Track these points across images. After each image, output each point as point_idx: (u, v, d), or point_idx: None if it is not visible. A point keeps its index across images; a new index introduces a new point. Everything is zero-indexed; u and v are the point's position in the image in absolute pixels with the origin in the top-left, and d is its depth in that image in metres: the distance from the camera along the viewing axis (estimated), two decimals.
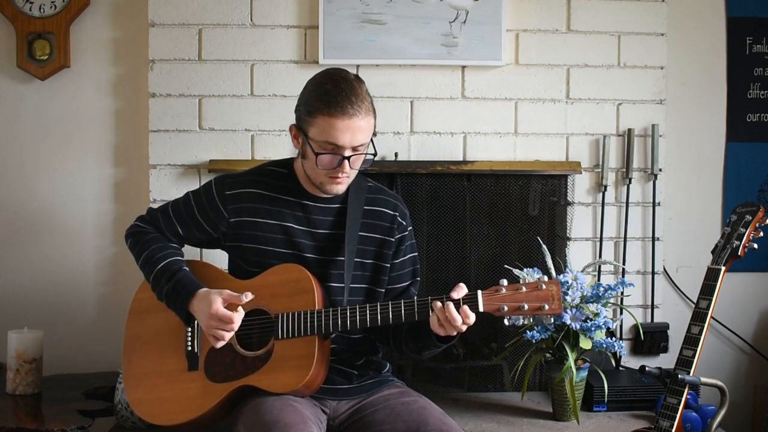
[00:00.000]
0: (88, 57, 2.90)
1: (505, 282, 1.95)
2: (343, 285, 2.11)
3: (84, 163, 2.92)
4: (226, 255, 2.26)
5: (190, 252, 2.31)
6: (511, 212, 2.92)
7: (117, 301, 2.86)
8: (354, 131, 1.97)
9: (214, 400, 2.04)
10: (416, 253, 2.27)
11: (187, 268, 2.13)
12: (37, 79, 2.87)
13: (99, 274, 2.94)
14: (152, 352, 2.14)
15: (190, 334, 2.11)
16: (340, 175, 2.02)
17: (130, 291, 2.27)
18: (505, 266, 2.59)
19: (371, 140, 2.04)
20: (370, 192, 2.19)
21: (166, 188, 2.80)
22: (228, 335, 2.02)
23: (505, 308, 1.92)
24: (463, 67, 2.85)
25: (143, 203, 2.82)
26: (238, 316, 2.00)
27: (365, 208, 2.16)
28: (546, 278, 1.96)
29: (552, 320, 2.44)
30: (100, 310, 2.93)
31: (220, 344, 2.03)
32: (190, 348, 2.11)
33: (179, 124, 2.81)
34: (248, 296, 2.01)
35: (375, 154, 2.06)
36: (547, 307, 1.91)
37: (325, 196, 2.12)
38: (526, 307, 1.91)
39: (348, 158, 2.00)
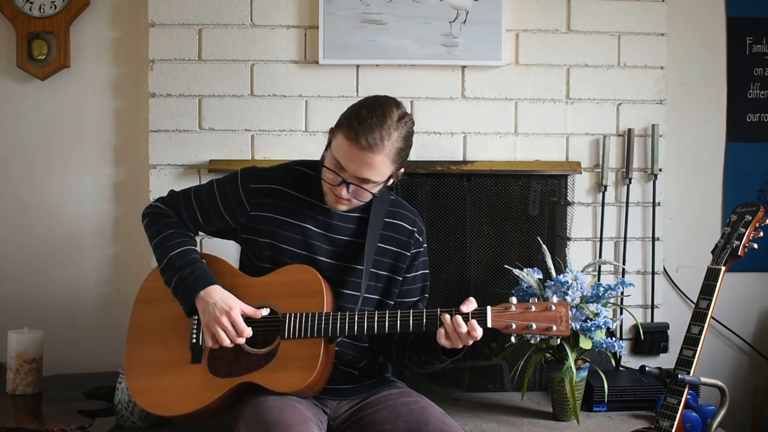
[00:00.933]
0: (88, 57, 2.90)
1: (514, 300, 1.97)
2: (355, 293, 2.11)
3: (84, 163, 2.92)
4: (235, 250, 2.25)
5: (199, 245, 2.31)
6: (511, 212, 2.92)
7: (117, 301, 2.86)
8: (360, 164, 1.96)
9: (215, 395, 2.04)
10: (428, 271, 2.28)
11: (204, 261, 2.13)
12: (37, 79, 2.87)
13: (99, 274, 2.94)
14: (156, 341, 2.14)
15: (195, 326, 2.11)
16: (337, 192, 2.02)
17: (130, 291, 2.27)
18: (505, 266, 2.59)
19: (388, 179, 2.04)
20: (391, 205, 2.20)
21: (166, 188, 2.76)
22: (228, 343, 2.02)
23: (513, 326, 1.93)
24: (463, 67, 2.85)
25: (143, 203, 2.79)
26: (248, 332, 2.02)
27: (385, 220, 2.17)
28: (555, 299, 1.97)
29: (558, 340, 2.44)
30: (100, 310, 2.93)
31: (214, 345, 2.03)
32: (194, 340, 2.10)
33: (179, 124, 2.81)
34: (263, 313, 2.05)
35: (374, 195, 2.05)
36: (555, 328, 1.92)
37: None
38: (534, 326, 1.93)
39: (348, 183, 1.99)
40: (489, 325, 1.93)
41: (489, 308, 1.94)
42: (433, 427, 1.96)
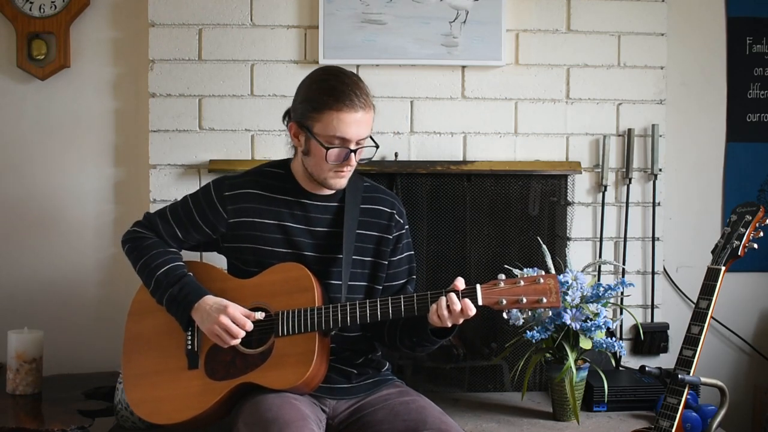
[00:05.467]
0: (88, 57, 2.90)
1: (503, 276, 1.97)
2: (339, 282, 2.12)
3: (84, 163, 2.92)
4: (225, 258, 2.26)
5: (189, 254, 2.31)
6: (511, 212, 2.92)
7: (117, 302, 2.86)
8: (360, 124, 2.02)
9: (214, 398, 2.05)
10: (413, 252, 2.29)
11: (191, 274, 2.14)
12: (37, 79, 2.87)
13: (99, 275, 2.94)
14: (152, 351, 2.15)
15: (190, 332, 2.11)
16: (345, 169, 2.06)
17: (129, 291, 2.27)
18: (505, 266, 2.59)
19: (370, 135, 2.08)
20: (367, 191, 2.22)
21: (166, 188, 2.80)
22: (233, 340, 2.03)
23: (504, 301, 1.93)
24: (463, 67, 2.85)
25: (143, 203, 2.82)
26: (249, 324, 2.03)
27: (363, 206, 2.18)
28: (544, 273, 1.97)
29: (550, 313, 2.44)
30: (100, 310, 2.93)
31: (225, 345, 2.05)
32: (190, 347, 2.11)
33: (179, 124, 2.81)
34: (258, 316, 2.05)
35: (377, 146, 2.10)
36: (545, 300, 1.92)
37: (323, 194, 2.15)
38: (525, 300, 1.92)
39: (354, 151, 2.04)
40: (480, 302, 1.93)
41: (478, 286, 1.94)
42: (431, 426, 1.97)
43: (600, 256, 2.89)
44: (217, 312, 2.03)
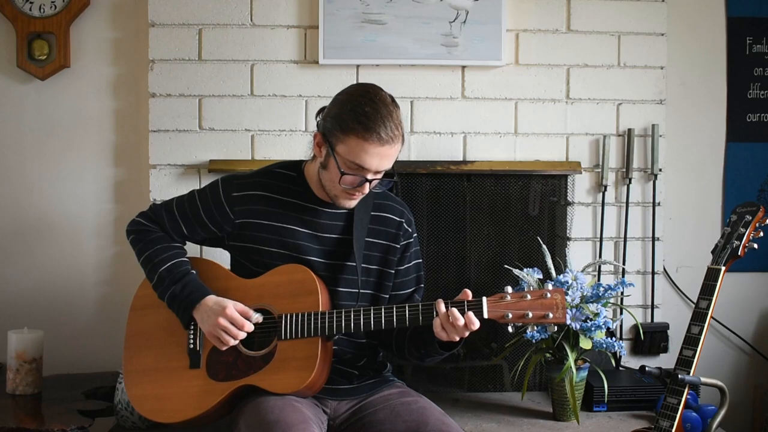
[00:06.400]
0: (88, 57, 2.90)
1: (509, 289, 1.95)
2: (351, 290, 2.12)
3: (84, 163, 2.92)
4: (228, 253, 2.26)
5: (191, 250, 2.31)
6: (511, 212, 2.92)
7: (117, 301, 2.86)
8: (383, 157, 1.97)
9: (215, 399, 2.05)
10: (421, 260, 2.28)
11: (194, 272, 2.13)
12: (37, 79, 2.87)
13: (99, 274, 2.94)
14: (153, 348, 2.14)
15: (192, 331, 2.11)
16: (356, 193, 2.03)
17: (130, 291, 2.27)
18: (505, 266, 2.59)
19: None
20: (377, 198, 2.19)
21: (166, 188, 2.80)
22: (232, 341, 2.02)
23: (510, 315, 1.92)
24: (463, 67, 2.85)
25: (143, 203, 2.81)
26: (249, 326, 2.02)
27: (372, 213, 2.16)
28: (551, 286, 1.96)
29: (555, 327, 2.44)
30: (100, 310, 2.93)
31: (223, 347, 2.04)
32: (192, 346, 2.10)
33: (179, 124, 2.81)
34: (260, 318, 2.04)
35: (395, 179, 2.06)
36: (551, 315, 1.91)
37: None
38: (531, 315, 1.91)
39: (370, 181, 2.00)
40: (485, 315, 1.92)
41: (485, 299, 1.93)
42: (432, 427, 1.97)
43: (600, 256, 2.89)
44: (215, 314, 2.02)
